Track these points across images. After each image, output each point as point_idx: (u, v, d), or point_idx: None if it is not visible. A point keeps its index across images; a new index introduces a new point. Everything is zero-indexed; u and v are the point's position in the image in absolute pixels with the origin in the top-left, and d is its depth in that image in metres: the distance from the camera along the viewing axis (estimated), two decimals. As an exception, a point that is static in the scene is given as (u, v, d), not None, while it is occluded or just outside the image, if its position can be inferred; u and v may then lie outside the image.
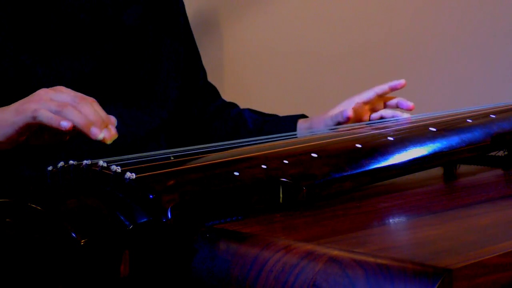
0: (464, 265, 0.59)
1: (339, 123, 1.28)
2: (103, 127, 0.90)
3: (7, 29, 1.12)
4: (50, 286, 0.71)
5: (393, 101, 1.33)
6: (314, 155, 0.90)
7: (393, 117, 1.28)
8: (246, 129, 1.46)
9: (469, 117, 1.12)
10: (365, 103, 1.32)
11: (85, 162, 0.83)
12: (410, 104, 1.30)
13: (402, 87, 1.31)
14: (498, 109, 1.19)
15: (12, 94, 1.00)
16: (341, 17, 2.11)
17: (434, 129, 1.04)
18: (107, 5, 1.21)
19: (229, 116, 1.49)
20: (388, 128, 1.08)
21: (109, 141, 0.90)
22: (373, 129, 1.08)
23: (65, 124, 0.89)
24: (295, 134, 1.35)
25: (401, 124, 1.12)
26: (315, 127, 1.34)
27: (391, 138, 0.98)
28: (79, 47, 1.17)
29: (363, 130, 1.08)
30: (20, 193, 0.81)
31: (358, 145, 0.95)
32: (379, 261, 0.61)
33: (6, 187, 1.15)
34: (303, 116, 1.42)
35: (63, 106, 0.91)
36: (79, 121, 0.90)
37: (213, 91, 1.50)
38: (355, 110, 1.28)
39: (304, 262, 0.65)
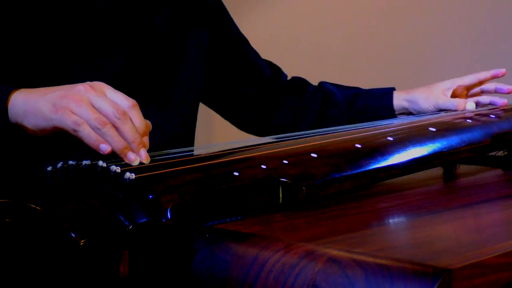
0: (464, 265, 0.59)
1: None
2: (140, 148, 0.89)
3: (45, 24, 1.11)
4: (50, 286, 0.71)
5: (490, 87, 1.34)
6: (313, 155, 0.90)
7: (490, 103, 1.31)
8: (335, 104, 1.42)
9: (469, 117, 1.12)
10: (466, 87, 1.34)
11: (84, 162, 0.83)
12: (509, 87, 1.32)
13: (503, 75, 1.34)
14: (498, 109, 1.19)
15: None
16: (342, 16, 2.11)
17: (434, 129, 1.04)
18: (140, 5, 1.20)
19: (307, 90, 1.44)
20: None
21: (145, 162, 0.89)
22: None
23: (104, 148, 0.88)
24: (392, 109, 1.37)
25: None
26: (416, 95, 1.35)
27: (391, 138, 0.98)
28: (112, 45, 1.17)
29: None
30: (20, 194, 0.80)
31: (358, 145, 0.95)
32: (378, 261, 0.61)
33: (5, 190, 1.15)
34: (393, 88, 1.42)
35: (104, 124, 0.89)
36: (118, 146, 0.88)
37: (274, 69, 1.46)
38: (455, 91, 1.32)
39: (303, 262, 0.65)
